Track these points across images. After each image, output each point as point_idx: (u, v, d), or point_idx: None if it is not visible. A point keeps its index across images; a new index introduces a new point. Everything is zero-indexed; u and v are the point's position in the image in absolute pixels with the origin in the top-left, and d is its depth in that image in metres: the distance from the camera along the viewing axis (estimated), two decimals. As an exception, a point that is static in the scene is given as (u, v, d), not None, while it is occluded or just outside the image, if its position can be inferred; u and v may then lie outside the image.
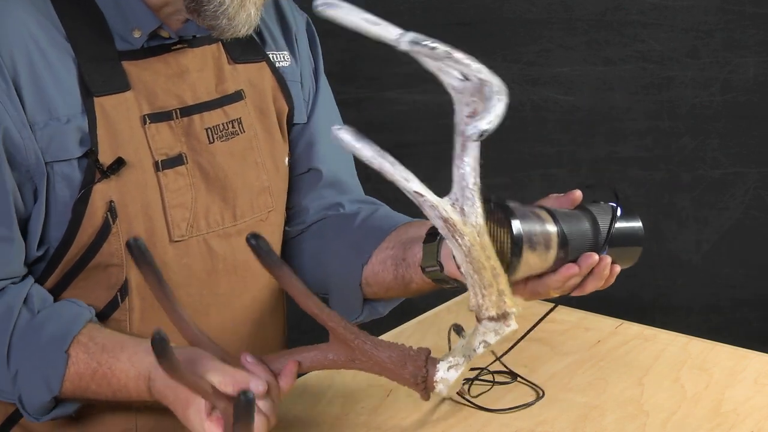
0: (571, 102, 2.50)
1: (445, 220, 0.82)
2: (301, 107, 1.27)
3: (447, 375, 0.88)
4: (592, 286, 1.03)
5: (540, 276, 1.01)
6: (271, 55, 1.23)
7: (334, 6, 0.82)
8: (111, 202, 1.07)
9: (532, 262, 0.96)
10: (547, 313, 1.15)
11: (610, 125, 2.51)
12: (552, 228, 0.98)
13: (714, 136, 2.51)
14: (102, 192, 1.07)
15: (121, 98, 1.08)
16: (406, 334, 1.32)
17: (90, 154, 1.06)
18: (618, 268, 1.04)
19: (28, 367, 1.02)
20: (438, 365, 0.90)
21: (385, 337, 1.28)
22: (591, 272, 1.02)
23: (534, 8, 2.43)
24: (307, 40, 1.31)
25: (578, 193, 1.06)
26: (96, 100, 1.07)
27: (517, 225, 0.94)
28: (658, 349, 1.26)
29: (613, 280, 1.04)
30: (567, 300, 1.06)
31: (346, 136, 0.78)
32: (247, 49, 1.20)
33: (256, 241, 0.92)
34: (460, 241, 0.83)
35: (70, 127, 1.05)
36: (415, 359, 0.91)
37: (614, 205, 1.05)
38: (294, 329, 1.35)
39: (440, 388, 0.89)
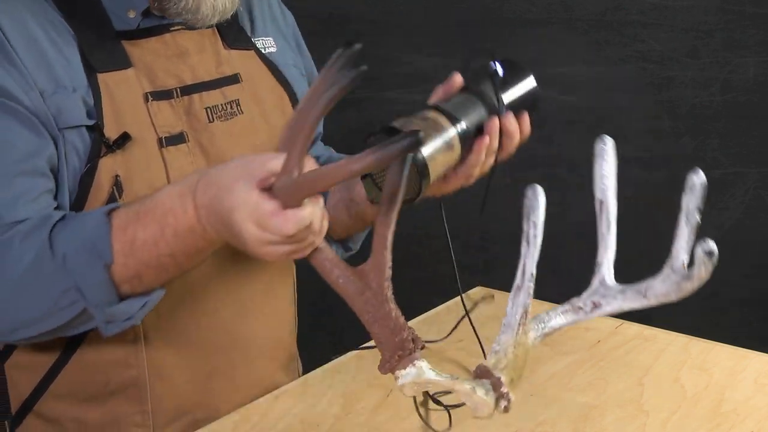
0: (571, 102, 2.50)
1: (526, 312, 0.91)
2: (304, 88, 1.28)
3: (425, 369, 0.87)
4: (512, 145, 1.06)
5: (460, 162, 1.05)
6: (258, 43, 1.24)
7: (606, 154, 0.93)
8: (117, 176, 1.08)
9: (441, 164, 1.00)
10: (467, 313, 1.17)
11: (610, 125, 2.51)
12: (447, 125, 1.01)
13: (714, 136, 2.51)
14: (108, 166, 1.07)
15: (123, 75, 1.10)
16: (406, 334, 1.31)
17: (96, 128, 1.07)
18: (526, 116, 1.06)
19: (73, 244, 0.97)
20: (423, 359, 0.89)
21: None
22: (503, 134, 1.04)
23: (534, 8, 2.43)
24: (289, 26, 1.33)
25: (458, 78, 1.07)
26: (99, 76, 1.08)
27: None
28: (658, 349, 1.26)
29: (528, 129, 1.07)
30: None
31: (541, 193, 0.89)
32: (239, 36, 1.22)
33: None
34: (520, 332, 0.90)
35: (77, 96, 1.07)
36: (414, 336, 0.88)
37: (493, 65, 1.07)
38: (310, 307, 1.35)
39: (409, 372, 0.86)
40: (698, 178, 0.85)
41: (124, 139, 1.07)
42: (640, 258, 1.10)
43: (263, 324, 1.23)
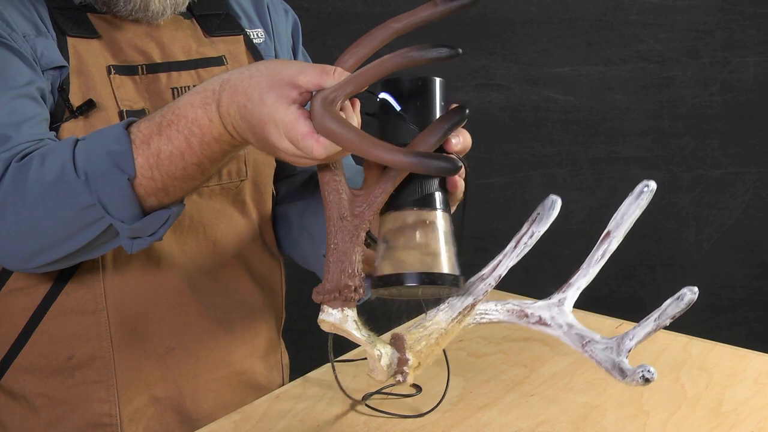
0: (571, 102, 2.50)
1: (473, 305, 0.92)
2: None
3: (350, 320, 0.87)
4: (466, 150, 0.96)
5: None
6: (247, 32, 1.24)
7: (642, 198, 0.90)
8: None
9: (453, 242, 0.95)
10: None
11: (610, 125, 2.51)
12: (433, 216, 0.93)
13: (714, 136, 2.51)
14: (69, 131, 1.07)
15: (91, 44, 1.11)
16: (406, 334, 1.32)
17: (61, 92, 1.07)
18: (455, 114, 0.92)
19: (94, 160, 0.94)
20: (354, 310, 0.89)
21: (386, 337, 1.28)
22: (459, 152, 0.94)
23: (534, 8, 2.44)
24: (289, 24, 1.32)
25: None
26: (69, 40, 1.09)
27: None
28: (658, 349, 1.26)
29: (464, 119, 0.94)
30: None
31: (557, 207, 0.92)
32: (224, 23, 1.22)
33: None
34: (456, 320, 0.92)
35: (54, 43, 1.08)
36: (359, 286, 0.87)
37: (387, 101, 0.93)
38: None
39: (334, 314, 0.87)
40: (690, 294, 0.84)
41: (89, 105, 1.08)
42: (639, 257, 1.10)
43: (233, 306, 1.23)
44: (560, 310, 0.91)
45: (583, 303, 1.38)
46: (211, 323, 1.21)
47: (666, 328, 1.31)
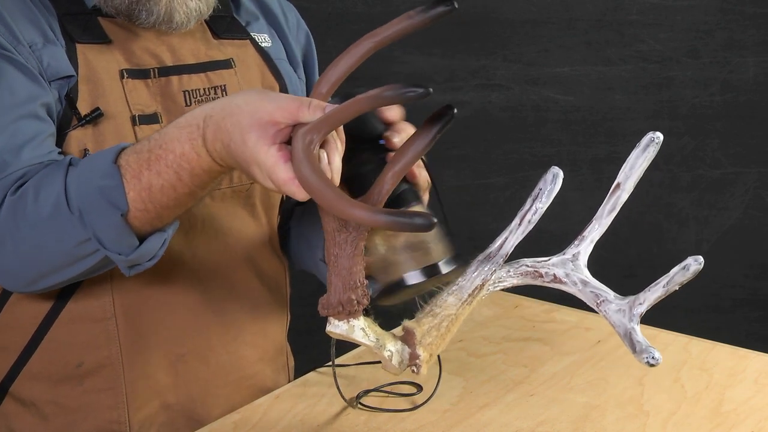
0: (571, 102, 2.50)
1: (482, 286, 0.91)
2: (296, 85, 1.27)
3: (356, 329, 0.88)
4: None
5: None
6: (254, 36, 1.24)
7: (649, 150, 0.90)
8: (86, 150, 1.07)
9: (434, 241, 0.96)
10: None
11: (610, 125, 2.51)
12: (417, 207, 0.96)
13: (714, 136, 2.51)
14: (78, 139, 1.07)
15: (101, 49, 1.11)
16: (406, 334, 1.32)
17: (69, 100, 1.07)
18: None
19: (87, 196, 0.95)
20: (361, 318, 0.90)
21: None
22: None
23: (534, 8, 2.44)
24: (301, 36, 1.32)
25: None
26: (78, 47, 1.09)
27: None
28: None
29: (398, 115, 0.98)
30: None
31: (559, 180, 0.91)
32: (232, 27, 1.22)
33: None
34: (466, 303, 0.91)
35: (63, 53, 1.08)
36: (361, 298, 0.88)
37: None
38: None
39: (341, 325, 0.88)
40: (696, 264, 0.84)
41: (96, 114, 1.08)
42: (639, 257, 1.10)
43: (243, 309, 1.23)
44: (575, 265, 0.90)
45: (584, 303, 1.38)
46: (221, 328, 1.21)
47: (666, 328, 1.32)
